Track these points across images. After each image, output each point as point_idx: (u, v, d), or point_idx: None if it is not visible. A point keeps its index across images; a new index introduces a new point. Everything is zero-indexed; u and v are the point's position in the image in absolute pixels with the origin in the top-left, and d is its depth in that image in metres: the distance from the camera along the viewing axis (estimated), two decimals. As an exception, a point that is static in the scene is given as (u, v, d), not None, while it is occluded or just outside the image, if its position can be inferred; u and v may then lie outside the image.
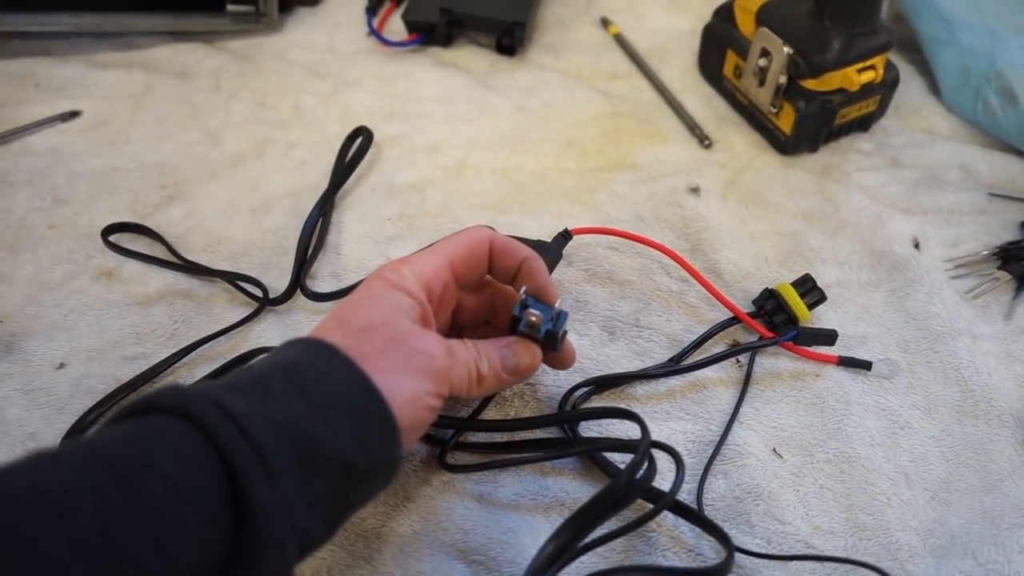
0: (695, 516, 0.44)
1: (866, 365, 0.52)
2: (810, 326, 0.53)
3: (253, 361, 0.37)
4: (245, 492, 0.31)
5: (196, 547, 0.30)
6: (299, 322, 0.55)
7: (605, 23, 0.77)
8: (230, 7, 0.75)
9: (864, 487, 0.47)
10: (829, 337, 0.52)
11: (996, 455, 0.48)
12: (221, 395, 0.33)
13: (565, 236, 0.55)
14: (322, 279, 0.58)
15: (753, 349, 0.52)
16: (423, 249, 0.45)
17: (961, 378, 0.51)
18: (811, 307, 0.53)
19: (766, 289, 0.54)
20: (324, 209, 0.61)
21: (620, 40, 0.75)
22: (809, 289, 0.54)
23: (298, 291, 0.57)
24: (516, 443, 0.49)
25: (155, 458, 0.30)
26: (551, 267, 0.54)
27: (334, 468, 0.34)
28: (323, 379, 0.35)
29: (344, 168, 0.63)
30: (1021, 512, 0.45)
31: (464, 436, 0.49)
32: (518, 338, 0.44)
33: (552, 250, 0.54)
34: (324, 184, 0.63)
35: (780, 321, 0.53)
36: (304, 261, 0.58)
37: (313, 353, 0.37)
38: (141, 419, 0.33)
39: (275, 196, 0.63)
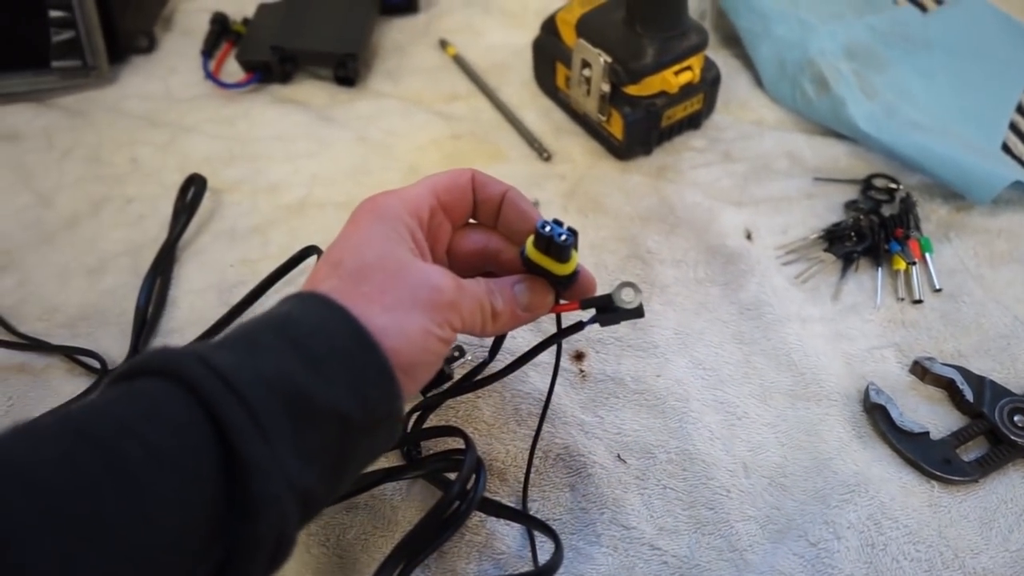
0: (521, 516, 0.45)
1: (605, 300, 0.43)
2: (619, 303, 0.43)
3: (247, 319, 0.36)
4: (236, 450, 0.29)
5: (182, 510, 0.28)
6: (141, 384, 0.54)
7: (443, 44, 0.77)
8: (55, 63, 0.72)
9: (705, 482, 0.48)
10: (637, 311, 0.43)
11: (826, 434, 0.50)
12: (208, 352, 0.31)
13: None
14: (165, 337, 0.57)
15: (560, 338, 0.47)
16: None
17: (792, 363, 0.53)
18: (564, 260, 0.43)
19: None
20: (162, 265, 0.60)
21: (459, 60, 0.76)
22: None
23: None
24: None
25: (134, 422, 0.29)
26: None
27: (329, 422, 0.32)
28: (315, 330, 0.33)
29: (181, 220, 0.62)
30: (848, 488, 0.47)
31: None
32: (529, 275, 0.42)
33: None
34: (164, 238, 0.61)
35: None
36: (144, 323, 0.57)
37: (305, 304, 0.35)
38: (125, 384, 0.31)
39: (112, 255, 0.62)
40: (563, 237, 0.38)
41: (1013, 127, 0.67)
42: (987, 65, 0.70)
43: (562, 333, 0.45)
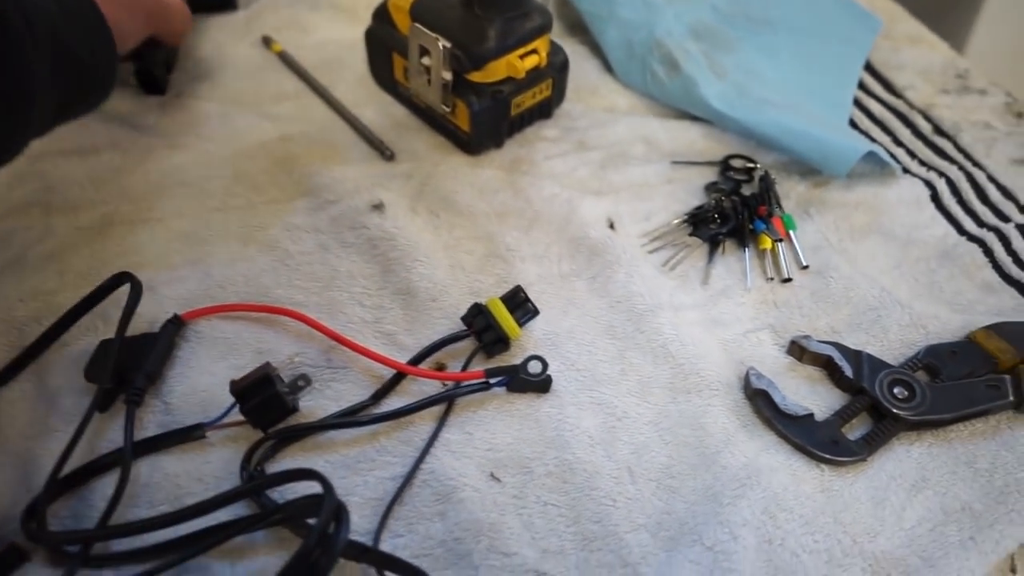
0: (390, 562, 0.39)
1: (511, 370, 0.47)
2: (525, 375, 0.47)
3: None
4: (10, 40, 0.40)
5: None
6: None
7: (267, 42, 0.70)
8: None
9: (588, 493, 0.43)
10: (544, 384, 0.47)
11: (711, 427, 0.47)
12: None
13: (174, 323, 0.49)
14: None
15: (454, 397, 0.47)
16: None
17: (668, 354, 0.50)
18: (522, 323, 0.49)
19: (475, 304, 0.49)
20: (-70, 304, 0.49)
21: (285, 58, 0.69)
22: (520, 303, 0.49)
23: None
24: (190, 536, 0.41)
25: None
26: (161, 360, 0.48)
27: (72, 59, 0.45)
28: None
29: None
30: (739, 482, 0.44)
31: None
32: None
33: (161, 341, 0.48)
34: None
35: (489, 340, 0.48)
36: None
37: None
38: None
39: None
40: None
41: (856, 103, 0.68)
42: (828, 43, 0.70)
43: (460, 389, 0.47)
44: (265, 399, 0.44)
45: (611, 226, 0.57)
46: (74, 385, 0.47)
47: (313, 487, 0.38)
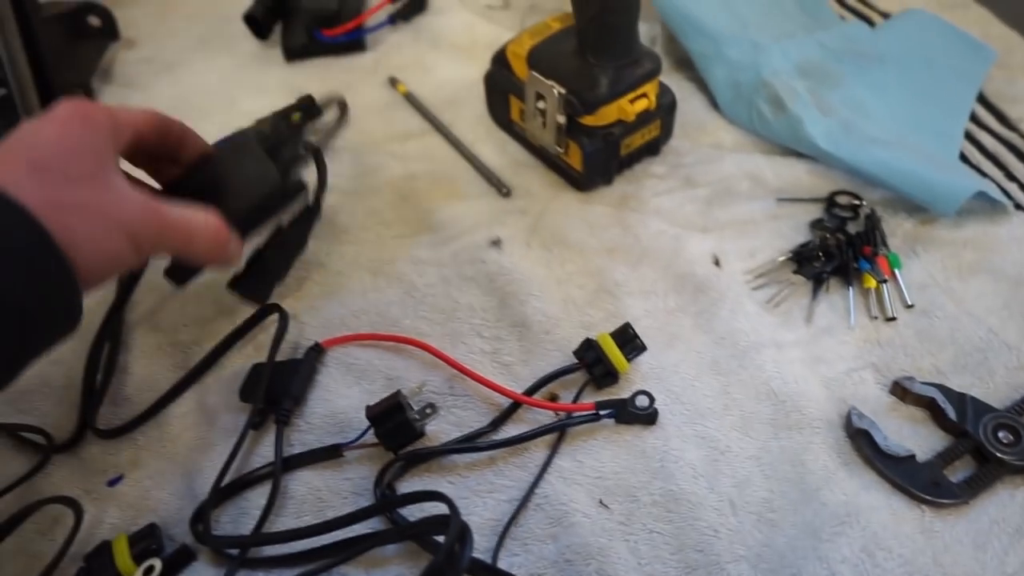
0: None
1: (620, 404, 0.51)
2: (633, 408, 0.50)
3: None
4: None
5: None
6: (93, 461, 0.51)
7: (393, 82, 0.76)
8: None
9: (692, 523, 0.46)
10: (650, 417, 0.51)
11: (811, 464, 0.49)
12: None
13: (316, 350, 0.55)
14: (117, 406, 0.54)
15: (566, 427, 0.51)
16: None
17: (771, 391, 0.52)
18: (630, 358, 0.52)
19: (586, 340, 0.53)
20: (110, 328, 0.57)
21: (410, 98, 0.74)
22: (629, 339, 0.52)
23: (87, 431, 0.52)
24: (332, 545, 0.46)
25: None
26: (305, 384, 0.53)
27: (8, 319, 0.35)
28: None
29: (128, 278, 0.59)
30: (838, 519, 0.46)
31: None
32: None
33: (305, 367, 0.53)
34: (110, 299, 0.58)
35: (599, 373, 0.52)
36: (91, 393, 0.54)
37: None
38: None
39: (56, 322, 0.58)
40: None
41: (968, 136, 0.68)
42: (938, 76, 0.70)
43: (572, 419, 0.50)
44: (397, 424, 0.49)
45: (716, 263, 0.59)
46: (230, 404, 0.53)
47: (440, 507, 0.43)
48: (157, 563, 0.45)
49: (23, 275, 0.35)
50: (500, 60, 0.67)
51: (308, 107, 0.69)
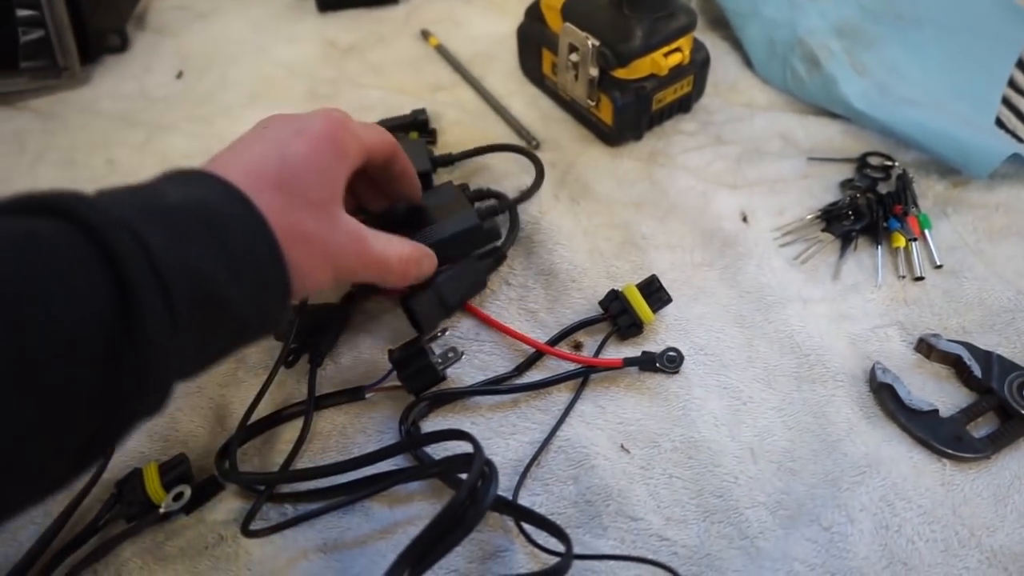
0: (529, 516, 0.44)
1: (648, 357, 0.51)
2: (662, 365, 0.51)
3: (150, 179, 0.35)
4: (144, 336, 0.29)
5: (74, 395, 0.28)
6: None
7: (425, 35, 0.76)
8: (24, 64, 0.70)
9: (711, 469, 0.47)
10: (674, 361, 0.51)
11: (834, 416, 0.49)
12: (140, 225, 0.30)
13: (349, 298, 0.56)
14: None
15: (589, 373, 0.51)
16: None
17: (795, 344, 0.52)
18: (655, 309, 0.53)
19: (612, 290, 0.54)
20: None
21: (441, 51, 0.74)
22: (655, 291, 0.53)
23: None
24: (356, 482, 0.47)
25: (44, 287, 0.27)
26: (339, 329, 0.54)
27: (232, 328, 0.34)
28: (241, 234, 0.34)
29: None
30: (859, 469, 0.46)
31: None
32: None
33: (339, 313, 0.55)
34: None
35: (624, 323, 0.52)
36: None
37: (230, 203, 0.35)
38: (28, 221, 0.29)
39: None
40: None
41: (1006, 101, 0.67)
42: (977, 40, 0.69)
43: (595, 366, 0.51)
44: (419, 368, 0.49)
45: (744, 219, 0.59)
46: (260, 342, 0.54)
47: (464, 447, 0.44)
48: (187, 489, 0.46)
49: (257, 297, 0.35)
50: (534, 13, 0.66)
51: (424, 125, 0.67)
